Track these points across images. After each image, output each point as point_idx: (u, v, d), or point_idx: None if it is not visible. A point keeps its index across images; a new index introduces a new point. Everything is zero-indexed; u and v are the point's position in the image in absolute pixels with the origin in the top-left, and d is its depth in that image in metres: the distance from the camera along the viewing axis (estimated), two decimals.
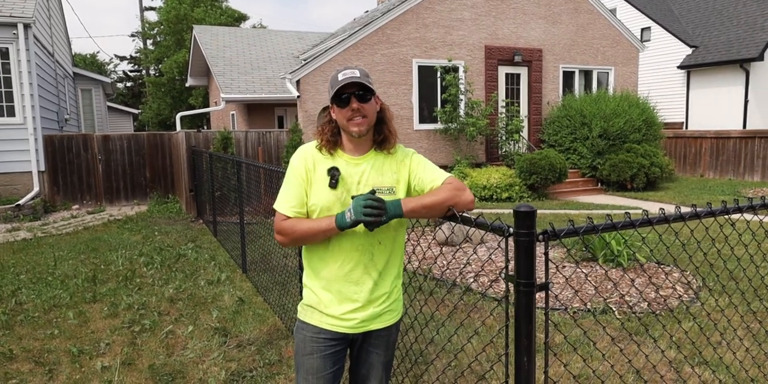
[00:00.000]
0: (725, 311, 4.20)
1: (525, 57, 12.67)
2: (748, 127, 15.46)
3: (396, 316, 2.02)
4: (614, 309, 4.43)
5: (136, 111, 26.33)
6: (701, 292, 4.82)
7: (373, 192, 1.80)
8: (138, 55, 34.31)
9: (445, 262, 5.67)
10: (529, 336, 1.59)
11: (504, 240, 1.65)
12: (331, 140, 1.90)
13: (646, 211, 1.82)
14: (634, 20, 18.02)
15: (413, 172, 1.92)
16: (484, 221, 1.72)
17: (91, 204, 11.13)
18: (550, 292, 1.61)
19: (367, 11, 18.22)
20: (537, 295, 1.57)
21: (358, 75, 1.80)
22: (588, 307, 4.46)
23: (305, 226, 1.84)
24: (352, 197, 1.78)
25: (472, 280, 5.30)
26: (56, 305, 4.94)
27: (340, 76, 1.81)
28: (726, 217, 2.02)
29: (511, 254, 1.60)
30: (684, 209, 1.91)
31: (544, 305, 1.65)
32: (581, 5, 13.33)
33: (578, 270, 5.34)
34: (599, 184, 12.16)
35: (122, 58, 36.94)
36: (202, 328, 4.32)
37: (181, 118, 12.51)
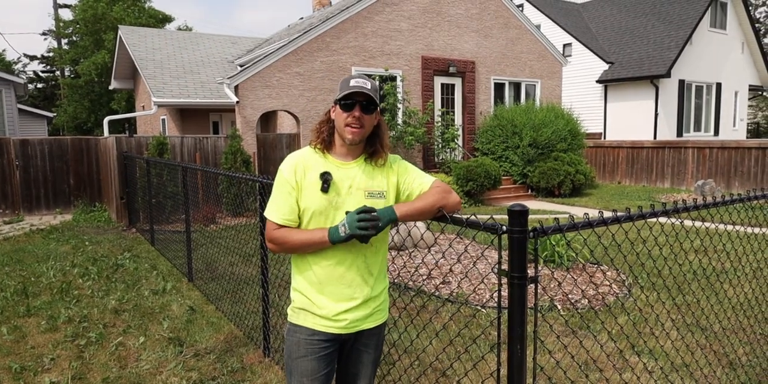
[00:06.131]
0: (656, 305, 4.59)
1: (459, 68, 13.14)
2: (658, 138, 16.83)
3: (385, 315, 2.09)
4: (558, 306, 4.72)
5: (50, 114, 24.61)
6: (633, 288, 5.24)
7: (364, 207, 1.85)
8: (51, 54, 32.18)
9: (400, 263, 5.79)
10: (522, 325, 1.72)
11: (497, 237, 1.78)
12: (327, 140, 1.95)
13: (603, 212, 2.02)
14: (557, 36, 19.15)
15: (401, 177, 2.01)
16: (476, 221, 1.84)
17: (7, 213, 10.34)
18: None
19: (302, 18, 18.17)
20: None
21: (369, 87, 1.88)
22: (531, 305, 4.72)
23: (298, 239, 1.89)
24: (346, 213, 1.86)
25: (462, 280, 5.45)
26: None
27: (353, 82, 1.88)
28: (656, 219, 2.28)
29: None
30: (633, 211, 2.13)
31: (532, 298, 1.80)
32: (510, 21, 14.03)
33: None
34: (530, 191, 12.79)
35: (32, 58, 34.49)
36: (154, 338, 4.17)
37: (101, 122, 11.90)
